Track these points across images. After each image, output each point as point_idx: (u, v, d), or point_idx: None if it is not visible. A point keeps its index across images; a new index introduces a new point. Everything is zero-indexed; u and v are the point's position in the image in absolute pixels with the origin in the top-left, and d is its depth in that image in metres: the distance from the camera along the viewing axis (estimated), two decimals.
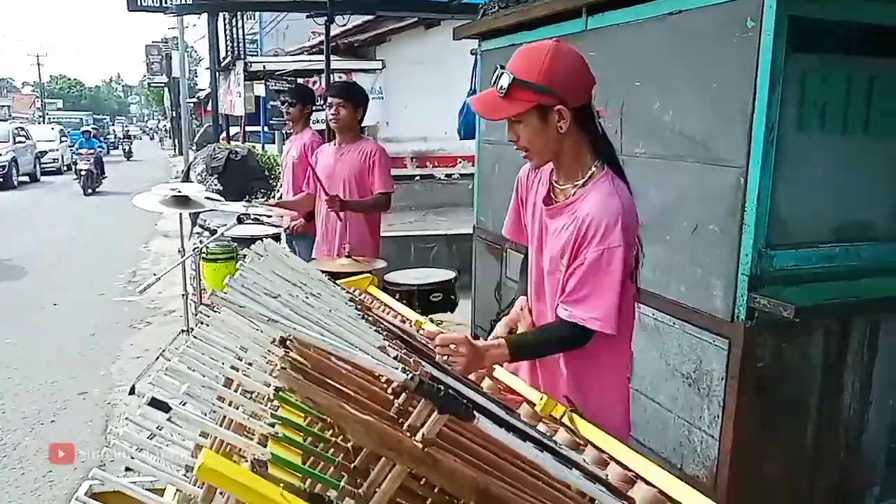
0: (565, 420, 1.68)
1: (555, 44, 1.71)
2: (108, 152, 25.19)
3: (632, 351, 2.00)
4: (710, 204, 2.52)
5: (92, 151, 16.66)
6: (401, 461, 0.85)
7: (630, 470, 1.46)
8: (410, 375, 0.87)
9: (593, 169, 1.80)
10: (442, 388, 0.88)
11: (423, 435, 0.89)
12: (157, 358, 4.47)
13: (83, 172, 15.95)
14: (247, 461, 0.97)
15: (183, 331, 4.44)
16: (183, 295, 4.40)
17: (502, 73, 1.68)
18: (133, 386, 4.41)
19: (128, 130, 43.82)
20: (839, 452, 2.61)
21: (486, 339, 1.93)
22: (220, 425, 1.05)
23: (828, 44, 2.42)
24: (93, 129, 20.02)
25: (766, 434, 2.48)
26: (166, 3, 10.33)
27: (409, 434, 0.93)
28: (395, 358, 1.04)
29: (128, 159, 29.84)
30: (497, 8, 4.07)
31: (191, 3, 9.67)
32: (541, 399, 1.75)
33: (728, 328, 2.45)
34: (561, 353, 1.87)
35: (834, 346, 2.51)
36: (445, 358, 1.70)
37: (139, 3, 10.42)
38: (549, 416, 1.71)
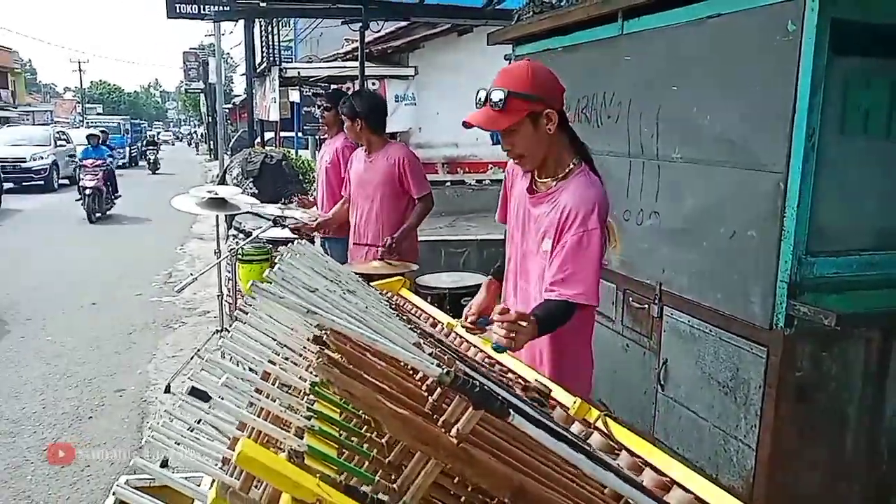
0: (599, 424, 1.67)
1: (528, 62, 2.04)
2: (134, 163, 22.15)
3: (593, 326, 2.29)
4: (749, 210, 2.48)
5: (100, 162, 13.15)
6: (436, 456, 0.85)
7: (665, 475, 1.44)
8: (446, 370, 0.87)
9: (571, 165, 2.06)
10: (478, 384, 0.88)
11: (458, 430, 0.88)
12: (192, 357, 4.54)
13: (88, 192, 12.30)
14: (283, 452, 0.98)
15: (217, 331, 4.50)
16: (218, 296, 4.47)
17: (493, 91, 1.93)
18: (168, 384, 4.49)
19: (153, 135, 35.57)
20: (880, 464, 2.54)
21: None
22: (258, 417, 1.06)
23: (871, 47, 2.37)
24: (101, 132, 15.70)
25: (805, 444, 2.42)
26: (204, 10, 10.51)
27: (444, 430, 0.93)
28: (430, 354, 1.05)
29: (153, 172, 24.65)
30: (532, 13, 4.07)
31: (228, 9, 9.83)
32: (574, 402, 1.74)
33: (766, 336, 2.40)
34: (560, 326, 2.02)
35: (875, 354, 2.44)
36: (505, 332, 1.82)
37: (178, 11, 10.61)
38: (583, 420, 1.70)
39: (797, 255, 2.32)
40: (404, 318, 1.81)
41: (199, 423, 1.16)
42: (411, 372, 1.28)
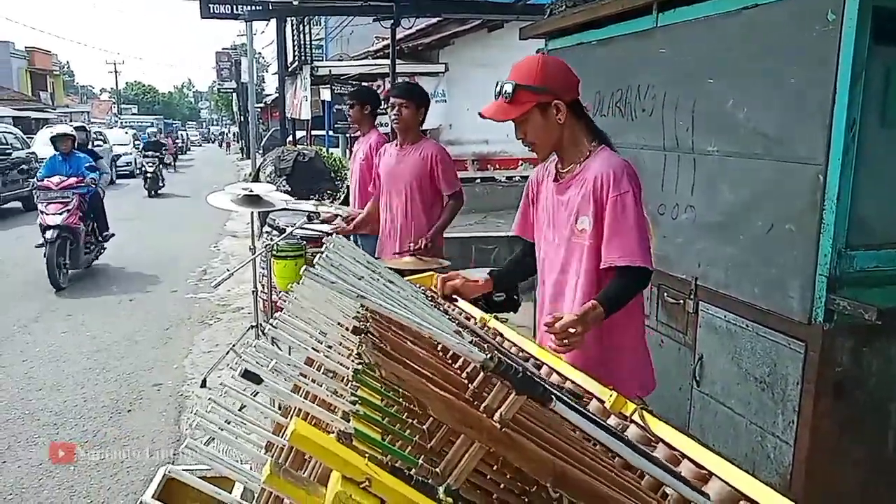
0: (636, 418, 1.67)
1: (541, 55, 2.13)
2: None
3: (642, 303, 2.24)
4: (787, 203, 2.45)
5: (73, 182, 7.70)
6: (479, 439, 0.86)
7: (703, 468, 1.43)
8: (490, 356, 0.88)
9: (591, 147, 2.10)
10: (520, 369, 0.89)
11: (501, 415, 0.90)
12: (228, 352, 4.61)
13: (50, 235, 7.24)
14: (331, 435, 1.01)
15: (252, 326, 4.56)
16: (253, 292, 4.53)
17: (504, 84, 2.01)
18: (204, 379, 4.56)
19: (155, 132, 26.47)
20: None
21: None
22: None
23: None
24: (80, 128, 10.67)
25: (844, 440, 2.39)
26: (237, 9, 10.63)
27: (486, 415, 0.94)
28: (470, 342, 1.06)
29: (152, 194, 16.83)
30: (565, 7, 4.05)
31: (261, 9, 9.95)
32: (610, 396, 1.74)
33: (805, 331, 2.37)
34: (633, 297, 2.05)
35: None
36: (564, 341, 1.88)
37: (211, 11, 10.74)
38: (619, 413, 1.70)
39: (837, 249, 2.29)
40: (441, 309, 1.83)
41: (241, 409, 1.19)
42: (450, 361, 1.30)
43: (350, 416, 0.97)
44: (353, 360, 1.14)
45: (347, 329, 1.26)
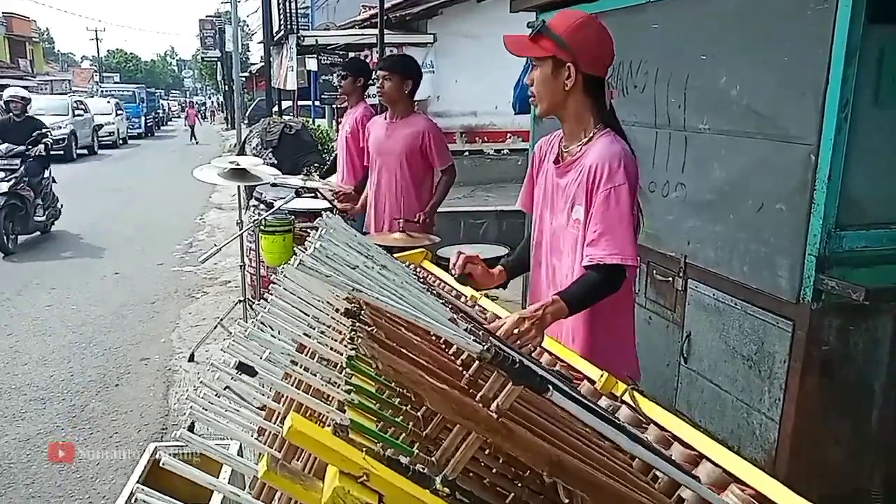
0: (626, 398, 1.68)
1: (590, 15, 1.94)
2: (150, 133, 16.03)
3: (633, 293, 2.19)
4: (777, 182, 2.45)
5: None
6: (476, 430, 0.86)
7: (694, 449, 1.45)
8: (486, 346, 0.87)
9: (595, 130, 1.97)
10: (517, 360, 0.88)
11: (497, 405, 0.89)
12: (216, 327, 4.60)
13: None
14: (324, 426, 1.00)
15: (240, 301, 4.55)
16: (240, 266, 4.50)
17: (538, 23, 1.91)
18: (192, 353, 4.55)
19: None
20: None
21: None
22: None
23: None
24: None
25: (829, 419, 2.42)
26: None
27: (482, 405, 0.94)
28: (465, 330, 1.05)
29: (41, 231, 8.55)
30: None
31: None
32: (601, 376, 1.74)
33: (793, 310, 2.39)
34: (604, 297, 1.92)
35: None
36: (517, 342, 1.74)
37: None
38: (610, 394, 1.71)
39: (827, 229, 2.30)
40: (433, 292, 1.82)
41: (225, 389, 1.18)
42: (444, 346, 1.29)
43: (345, 405, 0.96)
44: (345, 345, 1.13)
45: (338, 311, 1.25)
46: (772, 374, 2.50)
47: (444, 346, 1.29)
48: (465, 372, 1.13)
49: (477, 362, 1.08)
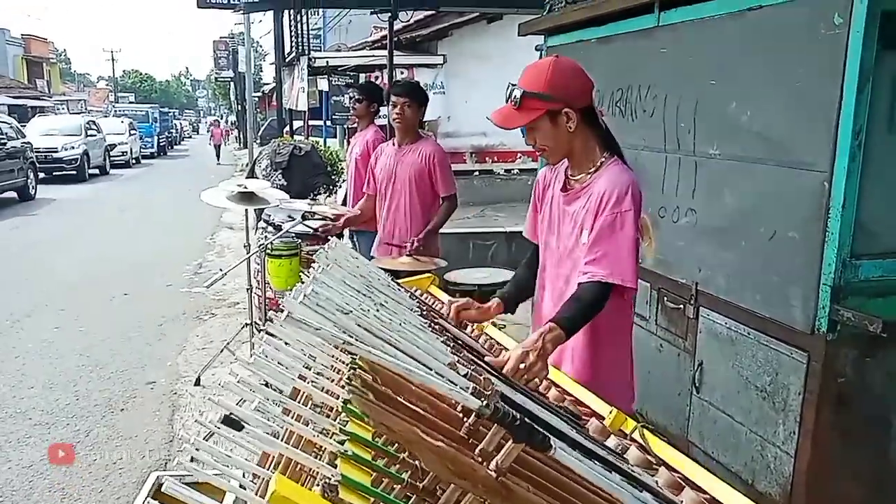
0: (636, 436, 1.62)
1: (554, 58, 1.97)
2: (163, 152, 17.15)
3: (633, 316, 2.20)
4: (790, 210, 2.40)
5: None
6: (474, 491, 0.82)
7: (705, 493, 1.39)
8: (486, 402, 0.83)
9: (603, 159, 2.01)
10: (518, 416, 0.84)
11: (497, 464, 0.85)
12: (222, 350, 4.57)
13: None
14: (315, 477, 0.96)
15: (247, 324, 4.52)
16: (247, 289, 4.48)
17: (513, 89, 1.93)
18: (198, 377, 4.52)
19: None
20: None
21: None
22: (289, 440, 1.04)
23: None
24: None
25: (846, 453, 2.35)
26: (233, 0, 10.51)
27: (481, 460, 0.90)
28: (465, 376, 1.01)
29: None
30: (565, 3, 3.99)
31: (258, 1, 9.83)
32: (610, 412, 1.70)
33: (807, 340, 2.33)
34: (594, 316, 1.92)
35: None
36: (525, 377, 1.73)
37: (208, 1, 10.62)
38: (619, 431, 1.66)
39: (841, 258, 2.24)
40: (436, 323, 1.78)
41: (209, 438, 1.14)
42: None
43: (338, 457, 0.92)
44: (342, 385, 1.09)
45: (337, 347, 1.21)
46: (786, 407, 2.43)
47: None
48: (465, 419, 1.09)
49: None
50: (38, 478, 3.45)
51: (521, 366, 1.73)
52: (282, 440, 1.03)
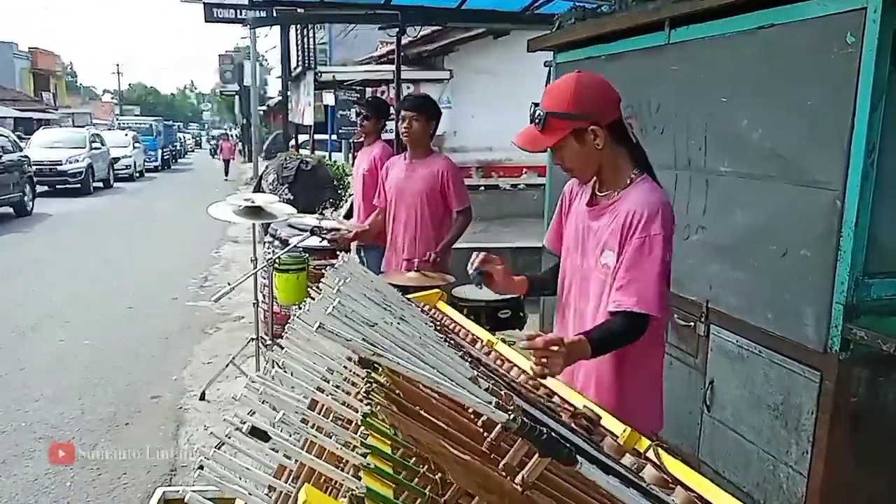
0: (651, 455, 1.61)
1: (576, 75, 1.90)
2: (167, 165, 16.94)
3: (664, 340, 2.10)
4: (802, 228, 2.40)
5: None
6: None
7: None
8: (512, 416, 0.83)
9: (633, 175, 1.93)
10: (545, 430, 0.83)
11: (523, 478, 0.84)
12: (228, 365, 4.55)
13: None
14: (337, 489, 0.95)
15: (252, 338, 4.51)
16: (254, 303, 4.47)
17: (536, 111, 1.88)
18: (203, 392, 4.50)
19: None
20: None
21: None
22: (311, 451, 1.03)
23: None
24: None
25: (860, 473, 2.33)
26: (241, 14, 10.60)
27: (505, 475, 0.89)
28: (486, 390, 1.00)
29: None
30: (574, 20, 4.01)
31: (265, 16, 9.91)
32: (623, 431, 1.68)
33: (820, 359, 2.32)
34: (625, 345, 1.89)
35: None
36: (543, 360, 1.72)
37: (215, 15, 10.70)
38: (633, 450, 1.64)
39: (854, 277, 2.23)
40: (450, 340, 1.77)
41: (229, 437, 1.13)
42: (464, 405, 1.24)
43: (361, 471, 0.91)
44: (360, 399, 1.08)
45: (351, 359, 1.20)
46: (799, 426, 2.41)
47: (462, 405, 1.24)
48: (486, 434, 1.08)
49: (499, 426, 1.03)
50: (42, 493, 3.43)
51: (553, 349, 1.72)
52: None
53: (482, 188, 10.77)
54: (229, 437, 1.06)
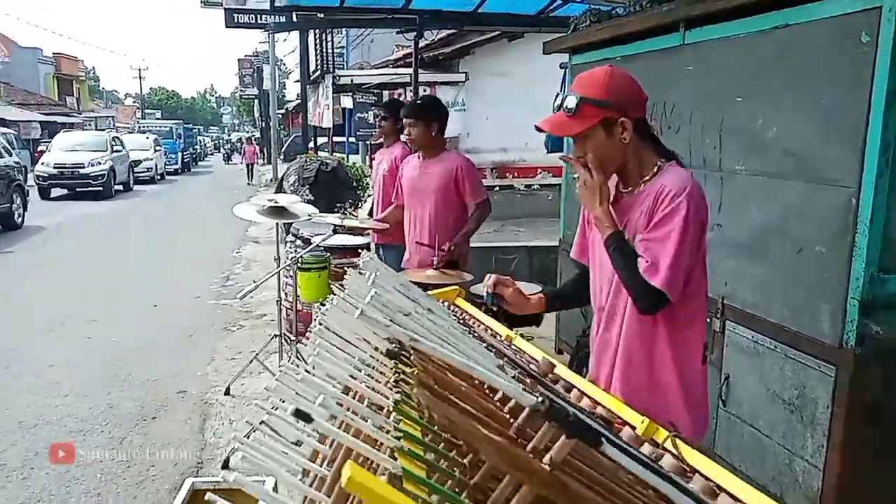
0: (668, 445, 1.66)
1: (610, 67, 1.91)
2: (187, 168, 17.03)
3: (698, 331, 1.97)
4: (817, 225, 2.43)
5: None
6: (530, 483, 0.87)
7: (739, 501, 1.42)
8: (541, 399, 0.89)
9: (660, 163, 1.91)
10: (572, 412, 0.89)
11: (551, 459, 0.90)
12: (252, 361, 4.65)
13: None
14: (375, 473, 1.01)
15: (276, 335, 4.60)
16: (277, 301, 4.56)
17: (568, 96, 1.87)
18: (228, 387, 4.60)
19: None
20: None
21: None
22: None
23: None
24: None
25: (877, 468, 2.36)
26: (261, 19, 10.73)
27: (533, 456, 0.95)
28: (513, 377, 1.07)
29: None
30: (589, 22, 4.06)
31: (285, 21, 10.04)
32: (642, 422, 1.73)
33: (835, 354, 2.35)
34: (630, 287, 1.87)
35: None
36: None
37: (236, 21, 10.85)
38: (651, 440, 1.69)
39: (869, 273, 2.27)
40: (472, 332, 1.83)
41: (257, 427, 1.20)
42: (489, 392, 1.30)
43: (396, 453, 0.97)
44: (389, 387, 1.15)
45: (377, 349, 1.27)
46: (814, 421, 2.45)
47: (488, 392, 1.30)
48: (512, 420, 1.14)
49: (525, 410, 1.09)
50: (74, 483, 3.53)
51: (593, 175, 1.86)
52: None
53: (497, 188, 10.82)
54: (268, 419, 1.13)
